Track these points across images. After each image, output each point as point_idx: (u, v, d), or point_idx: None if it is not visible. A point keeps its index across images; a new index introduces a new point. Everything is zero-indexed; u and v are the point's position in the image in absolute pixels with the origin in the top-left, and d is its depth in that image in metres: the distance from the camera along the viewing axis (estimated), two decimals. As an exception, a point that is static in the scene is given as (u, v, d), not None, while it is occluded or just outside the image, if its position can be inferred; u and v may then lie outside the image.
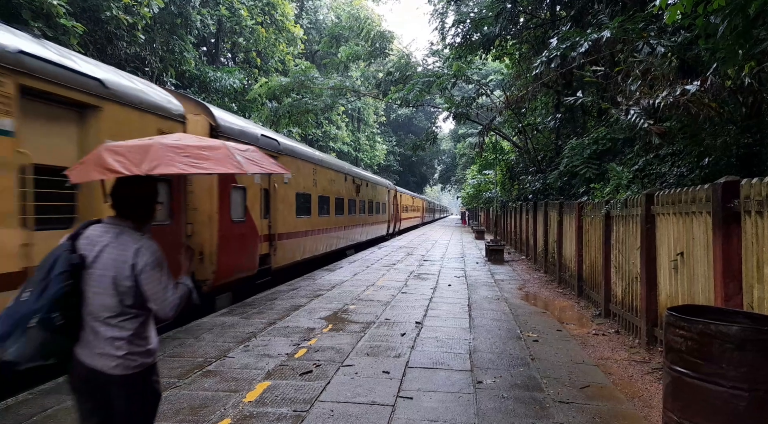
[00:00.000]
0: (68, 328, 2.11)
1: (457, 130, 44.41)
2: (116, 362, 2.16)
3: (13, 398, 4.10)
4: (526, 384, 4.61)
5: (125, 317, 2.20)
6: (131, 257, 2.17)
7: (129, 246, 2.19)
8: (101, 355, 2.16)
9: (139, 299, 2.20)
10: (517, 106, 16.06)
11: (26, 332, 1.99)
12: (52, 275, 2.08)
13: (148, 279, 2.18)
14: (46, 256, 2.18)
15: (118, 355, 2.17)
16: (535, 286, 10.88)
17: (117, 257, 2.17)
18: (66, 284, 2.08)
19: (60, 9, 11.93)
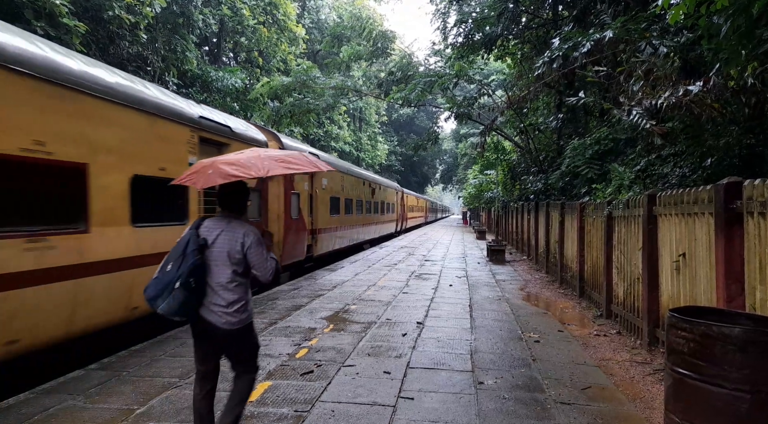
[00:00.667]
0: (198, 291, 2.93)
1: (458, 130, 44.39)
2: (226, 319, 2.99)
3: (14, 398, 4.11)
4: (528, 385, 4.61)
5: (235, 283, 3.02)
6: (241, 236, 3.02)
7: (238, 230, 3.05)
8: (217, 313, 2.98)
9: (246, 268, 3.06)
10: (519, 106, 16.02)
11: (172, 293, 2.83)
12: (187, 251, 2.91)
13: (253, 252, 3.02)
14: (178, 241, 3.01)
15: (229, 312, 2.99)
16: (536, 286, 10.87)
17: (230, 237, 3.02)
18: (197, 258, 2.92)
19: (62, 8, 11.94)
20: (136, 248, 5.93)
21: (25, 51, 4.61)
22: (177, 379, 4.61)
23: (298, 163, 3.20)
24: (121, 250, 5.71)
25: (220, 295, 2.98)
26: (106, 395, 4.19)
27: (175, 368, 4.93)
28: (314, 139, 33.97)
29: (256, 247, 3.04)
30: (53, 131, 4.79)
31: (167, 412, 3.86)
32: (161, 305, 2.86)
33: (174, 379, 4.61)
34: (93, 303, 5.30)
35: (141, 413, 3.84)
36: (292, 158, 3.24)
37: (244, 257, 3.03)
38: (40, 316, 4.64)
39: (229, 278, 3.00)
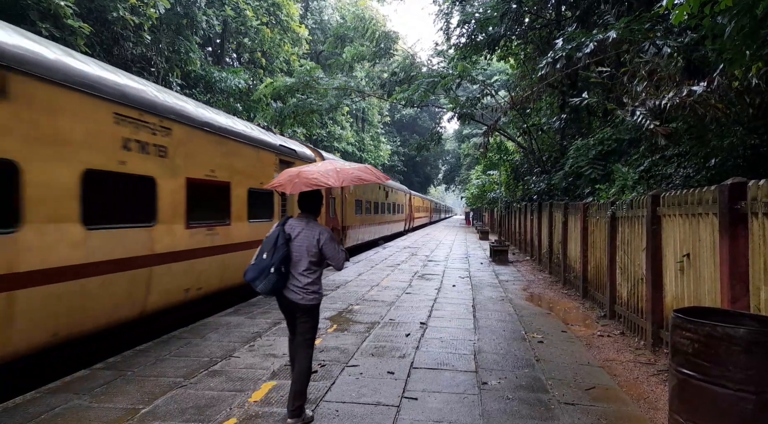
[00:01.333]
0: (285, 275, 3.70)
1: (461, 131, 44.41)
2: (303, 297, 3.73)
3: (21, 397, 4.13)
4: (531, 385, 4.61)
5: (311, 271, 3.77)
6: (317, 234, 3.78)
7: (315, 229, 3.81)
8: (297, 292, 3.73)
9: (320, 259, 3.80)
10: (522, 106, 16.02)
11: (268, 276, 3.62)
12: (278, 244, 3.68)
13: (328, 247, 3.78)
14: (268, 235, 3.79)
15: (306, 292, 3.75)
16: (539, 287, 10.86)
17: (309, 235, 3.78)
18: (286, 250, 3.68)
19: (67, 10, 11.99)
20: (248, 236, 8.67)
21: (214, 120, 7.79)
22: (182, 379, 4.63)
23: (365, 175, 3.97)
24: (243, 237, 8.50)
25: (298, 279, 3.75)
26: (112, 395, 4.22)
27: (180, 367, 4.95)
28: (317, 139, 34.00)
29: (329, 242, 3.80)
30: (217, 163, 7.71)
31: (172, 411, 3.88)
32: (259, 285, 3.66)
33: (179, 378, 4.63)
34: (231, 269, 7.97)
35: (146, 412, 3.86)
36: (361, 171, 3.99)
37: (319, 251, 3.78)
38: (212, 273, 7.62)
39: (306, 266, 3.76)
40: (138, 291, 5.97)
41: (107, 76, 5.65)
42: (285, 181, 3.87)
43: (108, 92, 5.48)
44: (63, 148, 4.88)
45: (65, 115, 4.91)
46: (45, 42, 5.12)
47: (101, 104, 5.37)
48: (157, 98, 6.47)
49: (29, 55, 4.56)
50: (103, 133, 5.41)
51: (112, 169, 5.53)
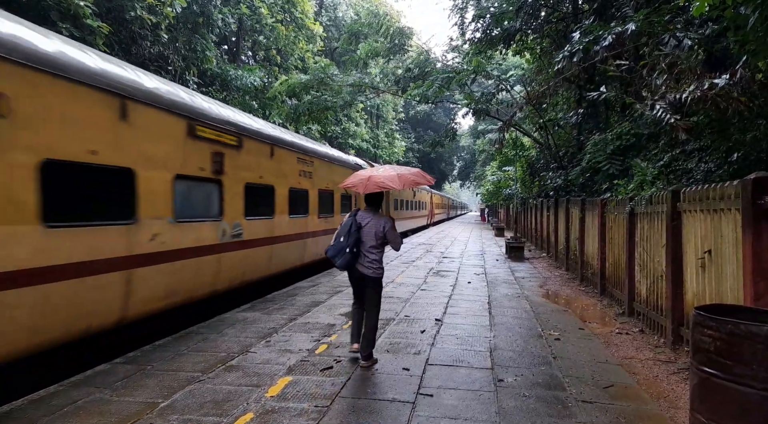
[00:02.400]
0: (357, 254, 4.86)
1: (476, 127, 44.05)
2: (372, 271, 4.93)
3: (44, 390, 4.23)
4: (548, 383, 4.57)
5: (376, 250, 4.94)
6: (382, 223, 4.94)
7: (381, 219, 4.97)
8: (366, 267, 4.92)
9: (383, 242, 4.96)
10: (538, 101, 15.85)
11: (344, 255, 4.78)
12: (351, 231, 4.84)
13: (390, 233, 4.94)
14: (342, 223, 4.99)
15: (374, 267, 4.93)
16: (556, 284, 10.76)
17: (376, 224, 4.93)
18: (357, 235, 4.84)
19: (86, 10, 12.18)
20: (317, 226, 11.82)
21: (330, 154, 13.03)
22: (200, 373, 4.69)
23: (419, 179, 5.21)
24: (313, 227, 11.58)
25: (367, 257, 4.90)
26: (132, 389, 4.29)
27: (198, 362, 5.02)
28: (332, 136, 34.08)
29: (391, 230, 4.97)
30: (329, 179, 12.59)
31: (190, 406, 3.93)
32: (338, 261, 4.84)
33: (197, 373, 4.69)
34: (311, 250, 11.53)
35: (165, 406, 3.92)
36: (416, 176, 5.18)
37: (384, 236, 4.94)
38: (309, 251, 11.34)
39: (372, 246, 4.92)
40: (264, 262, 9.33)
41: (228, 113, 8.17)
42: (357, 182, 5.02)
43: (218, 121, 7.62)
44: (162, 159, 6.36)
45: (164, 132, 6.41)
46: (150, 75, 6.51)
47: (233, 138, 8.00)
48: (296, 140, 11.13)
49: (142, 88, 6.00)
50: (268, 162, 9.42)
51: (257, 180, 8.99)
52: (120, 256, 5.47)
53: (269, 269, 9.47)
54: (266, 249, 9.23)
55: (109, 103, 5.38)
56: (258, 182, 8.79)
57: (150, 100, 6.03)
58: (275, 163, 9.57)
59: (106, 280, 5.32)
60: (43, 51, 4.69)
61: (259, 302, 8.17)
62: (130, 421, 3.64)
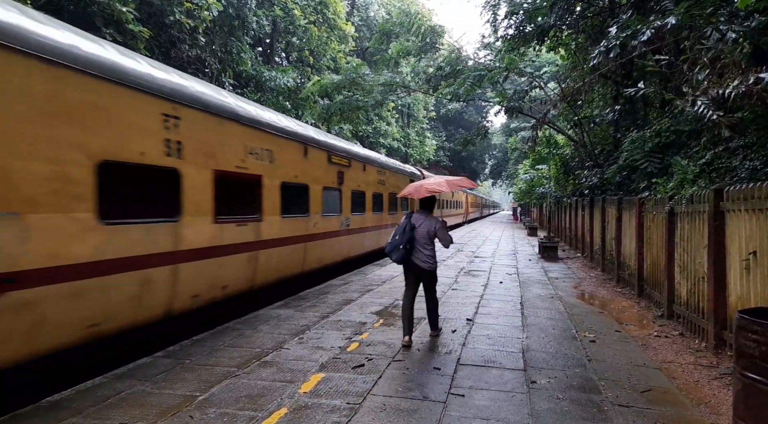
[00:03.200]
0: (411, 250, 5.56)
1: (508, 125, 43.50)
2: (427, 265, 5.64)
3: (91, 381, 4.43)
4: (583, 386, 4.49)
5: (429, 246, 5.65)
6: (434, 224, 5.66)
7: (433, 220, 5.70)
8: (422, 262, 5.62)
9: (434, 238, 5.67)
10: (573, 98, 15.52)
11: (399, 251, 5.52)
12: (406, 230, 5.56)
13: (441, 232, 5.66)
14: (400, 223, 5.69)
15: (429, 262, 5.65)
16: (591, 284, 10.53)
17: (428, 224, 5.64)
18: (411, 234, 5.55)
19: (128, 15, 12.64)
20: (387, 220, 15.01)
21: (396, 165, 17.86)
22: (235, 368, 4.82)
23: (464, 183, 6.28)
24: (385, 221, 15.03)
25: (423, 253, 5.64)
26: (172, 382, 4.44)
27: (234, 358, 5.15)
28: (363, 136, 34.26)
29: (442, 230, 5.72)
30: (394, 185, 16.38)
31: (227, 400, 4.05)
32: (394, 256, 5.60)
33: (233, 368, 4.82)
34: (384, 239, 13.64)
35: (203, 400, 4.05)
36: (461, 181, 6.30)
37: (435, 234, 5.67)
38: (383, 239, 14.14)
39: (425, 243, 5.64)
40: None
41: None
42: (413, 190, 6.00)
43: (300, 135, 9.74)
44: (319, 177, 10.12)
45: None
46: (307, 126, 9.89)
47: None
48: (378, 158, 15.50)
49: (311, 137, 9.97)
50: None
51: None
52: (301, 234, 9.51)
53: (362, 249, 13.72)
54: (360, 235, 13.39)
55: (300, 148, 9.45)
56: (357, 189, 12.94)
57: (314, 144, 10.13)
58: (366, 175, 13.74)
59: (298, 248, 9.42)
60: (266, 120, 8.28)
61: (293, 300, 8.31)
62: (170, 413, 3.78)
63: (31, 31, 4.28)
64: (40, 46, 4.30)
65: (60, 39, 4.58)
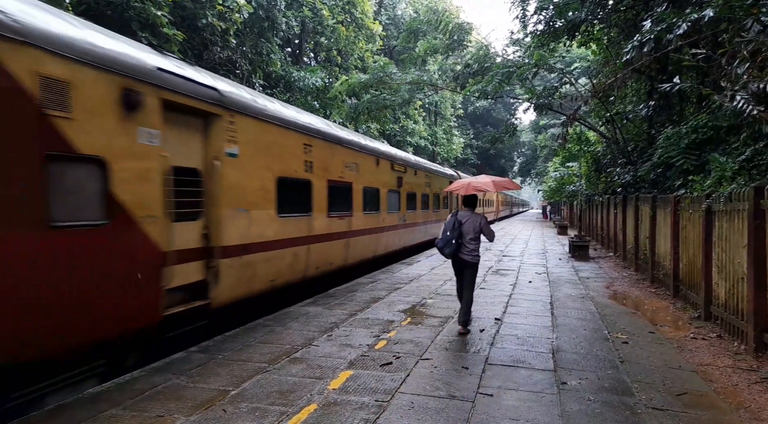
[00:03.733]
0: (459, 245, 6.12)
1: (538, 122, 42.84)
2: (471, 257, 6.21)
3: (129, 374, 4.60)
4: (615, 388, 4.41)
5: (475, 241, 6.19)
6: (479, 220, 6.23)
7: (477, 217, 6.26)
8: (467, 254, 6.19)
9: (479, 234, 6.21)
10: (605, 94, 15.16)
11: (450, 246, 6.08)
12: (455, 226, 6.12)
13: (485, 228, 6.23)
14: (447, 220, 6.31)
15: (473, 255, 6.21)
16: (624, 284, 10.29)
17: (474, 221, 6.20)
18: (459, 230, 6.12)
19: (163, 19, 12.99)
20: (433, 217, 18.52)
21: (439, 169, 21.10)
22: (266, 364, 4.91)
23: (508, 185, 6.86)
24: (431, 217, 18.30)
25: (467, 247, 6.18)
26: (205, 376, 4.57)
27: (265, 353, 5.26)
28: (390, 134, 34.28)
29: (486, 226, 6.28)
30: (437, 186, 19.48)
31: (258, 395, 4.14)
32: (445, 250, 6.12)
33: (263, 364, 4.92)
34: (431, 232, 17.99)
35: (235, 394, 4.15)
36: (505, 182, 6.81)
37: (480, 230, 6.22)
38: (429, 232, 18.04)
39: (471, 239, 6.18)
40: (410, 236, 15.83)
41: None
42: (459, 187, 6.57)
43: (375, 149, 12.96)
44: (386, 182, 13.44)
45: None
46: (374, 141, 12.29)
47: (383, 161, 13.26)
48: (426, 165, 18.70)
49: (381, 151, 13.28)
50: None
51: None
52: (376, 227, 12.44)
53: (414, 240, 16.56)
54: (413, 228, 16.12)
55: (374, 160, 12.26)
56: (411, 191, 15.76)
57: (382, 156, 13.10)
58: (417, 179, 16.56)
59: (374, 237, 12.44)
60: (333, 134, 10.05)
61: (321, 297, 8.41)
62: (204, 407, 3.89)
63: (262, 105, 7.50)
64: (264, 114, 7.40)
65: (270, 107, 7.74)
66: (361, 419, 3.69)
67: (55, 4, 7.63)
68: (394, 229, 14.08)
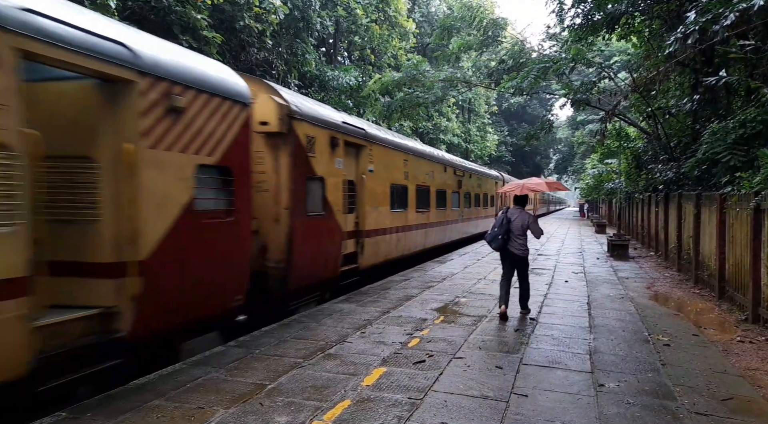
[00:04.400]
0: (507, 239, 6.85)
1: (575, 118, 41.79)
2: (521, 251, 6.95)
3: (171, 367, 4.77)
4: (656, 391, 4.29)
5: (522, 236, 6.88)
6: (527, 218, 6.93)
7: (526, 215, 6.97)
8: (516, 248, 6.92)
9: (526, 230, 6.88)
10: (646, 88, 14.68)
11: (498, 241, 6.87)
12: (503, 223, 6.84)
13: (533, 226, 6.92)
14: (497, 217, 7.10)
15: (522, 249, 6.95)
16: (665, 285, 9.96)
17: (522, 218, 6.89)
18: (507, 226, 6.84)
19: (203, 22, 13.38)
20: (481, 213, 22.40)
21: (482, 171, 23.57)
22: (301, 359, 5.01)
23: (559, 186, 8.26)
24: (475, 214, 21.20)
25: (517, 241, 6.87)
26: (243, 370, 4.70)
27: (300, 349, 5.35)
28: (423, 132, 34.15)
29: (533, 223, 6.93)
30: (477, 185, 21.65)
31: (294, 389, 4.22)
32: (493, 245, 6.90)
33: (299, 359, 5.01)
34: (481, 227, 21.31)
35: (272, 388, 4.25)
36: (555, 184, 8.24)
37: (527, 227, 6.84)
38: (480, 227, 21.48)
39: (519, 234, 6.85)
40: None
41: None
42: (514, 187, 7.39)
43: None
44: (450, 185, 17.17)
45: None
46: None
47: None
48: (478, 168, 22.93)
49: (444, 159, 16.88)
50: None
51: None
52: (444, 220, 16.06)
53: (468, 233, 19.68)
54: (468, 223, 19.55)
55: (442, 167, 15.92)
56: (468, 191, 19.24)
57: (448, 164, 16.61)
58: (472, 181, 20.11)
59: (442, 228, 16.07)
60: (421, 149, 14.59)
61: (354, 294, 8.49)
62: (242, 400, 4.00)
63: (384, 136, 11.23)
64: (385, 141, 11.08)
65: (388, 137, 11.56)
66: (395, 416, 3.71)
67: (102, 11, 7.96)
68: (456, 223, 17.90)
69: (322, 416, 3.70)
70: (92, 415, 3.70)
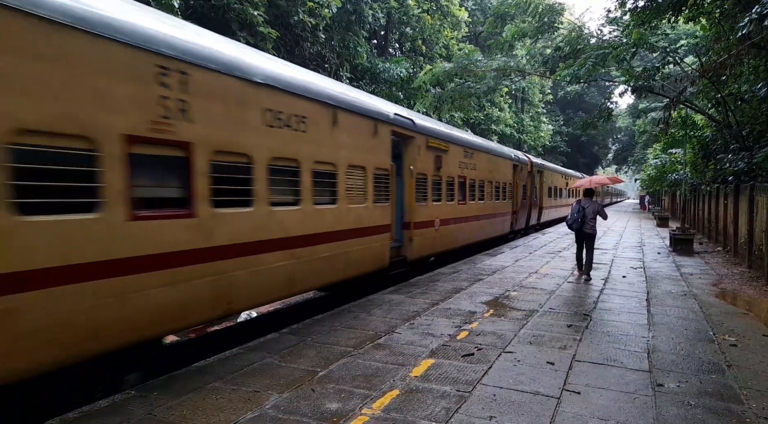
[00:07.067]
0: (582, 222, 9.37)
1: (636, 105, 39.82)
2: (591, 230, 9.44)
3: (229, 352, 5.01)
4: (720, 393, 4.08)
5: (593, 220, 9.42)
6: (597, 206, 9.54)
7: (595, 203, 9.54)
8: (589, 229, 9.41)
9: (597, 215, 9.44)
10: (716, 73, 13.73)
11: (578, 223, 9.39)
12: (579, 210, 9.37)
13: (602, 211, 9.55)
14: (572, 206, 9.62)
15: (593, 229, 9.47)
16: (734, 282, 9.39)
17: (593, 206, 9.46)
18: (582, 213, 9.35)
19: (259, 19, 13.78)
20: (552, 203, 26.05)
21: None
22: (351, 348, 5.12)
23: (616, 180, 13.56)
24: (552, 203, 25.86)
25: (590, 224, 9.30)
26: (296, 357, 4.86)
27: (350, 338, 5.47)
28: (474, 123, 33.61)
29: (602, 209, 9.45)
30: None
31: (344, 377, 4.33)
32: (574, 227, 9.35)
33: (349, 348, 5.12)
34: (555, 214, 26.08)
35: (323, 375, 4.38)
36: (608, 179, 13.00)
37: (597, 212, 9.34)
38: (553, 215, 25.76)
39: (591, 218, 9.27)
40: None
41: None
42: (585, 182, 10.94)
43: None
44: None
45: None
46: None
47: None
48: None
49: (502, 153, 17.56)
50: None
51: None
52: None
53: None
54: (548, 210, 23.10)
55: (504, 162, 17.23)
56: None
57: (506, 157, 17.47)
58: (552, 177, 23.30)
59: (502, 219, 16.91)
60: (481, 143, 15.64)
61: (403, 286, 8.54)
62: (295, 385, 4.15)
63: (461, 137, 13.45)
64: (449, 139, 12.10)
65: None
66: (443, 408, 3.74)
67: (166, 10, 8.35)
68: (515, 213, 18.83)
69: (371, 405, 3.78)
70: (158, 394, 3.96)
